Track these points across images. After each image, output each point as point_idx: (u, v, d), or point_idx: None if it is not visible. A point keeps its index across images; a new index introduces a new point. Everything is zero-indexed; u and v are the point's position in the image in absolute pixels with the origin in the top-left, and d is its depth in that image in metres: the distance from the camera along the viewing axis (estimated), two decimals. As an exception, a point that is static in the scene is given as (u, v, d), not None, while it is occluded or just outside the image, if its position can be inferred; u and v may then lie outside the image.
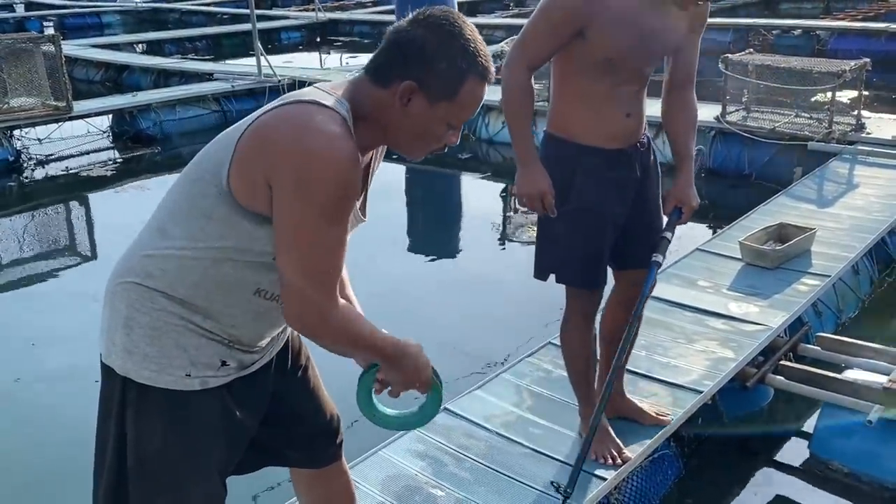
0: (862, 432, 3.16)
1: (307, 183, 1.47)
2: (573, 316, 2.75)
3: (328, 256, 1.54)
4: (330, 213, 1.50)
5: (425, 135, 1.64)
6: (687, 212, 2.66)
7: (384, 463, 2.89)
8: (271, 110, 1.57)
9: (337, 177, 1.48)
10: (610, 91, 2.48)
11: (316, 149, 1.47)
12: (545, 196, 2.46)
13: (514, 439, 3.00)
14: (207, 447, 1.69)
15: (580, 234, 2.59)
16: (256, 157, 1.52)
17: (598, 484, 2.75)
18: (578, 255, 2.62)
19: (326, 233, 1.51)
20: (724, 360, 3.53)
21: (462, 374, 3.89)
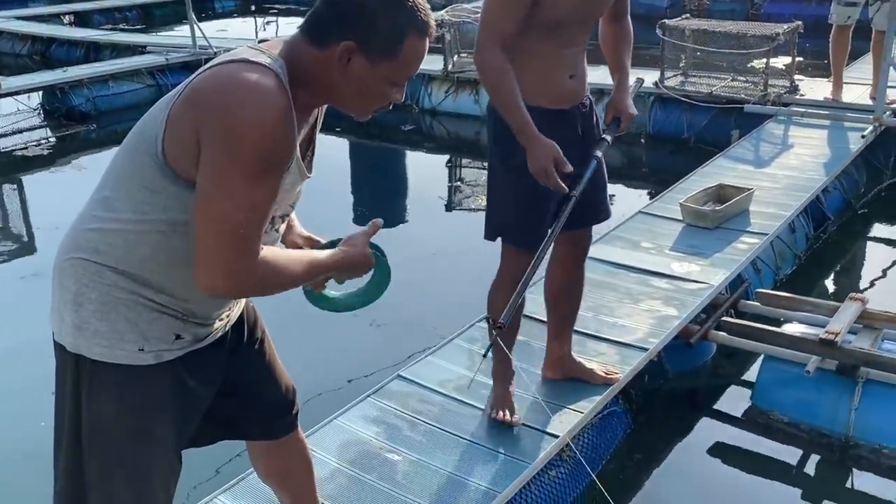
0: (800, 383, 3.29)
1: (234, 139, 1.42)
2: (505, 276, 2.79)
3: (249, 215, 1.47)
4: (255, 171, 1.45)
5: (368, 94, 1.61)
6: (625, 120, 2.74)
7: (339, 430, 2.91)
8: (203, 72, 1.53)
9: (266, 134, 1.43)
10: (554, 52, 2.53)
11: (245, 105, 1.43)
12: (559, 162, 2.46)
13: (468, 402, 3.05)
14: (162, 420, 1.68)
15: (525, 195, 2.63)
16: (186, 118, 1.48)
17: (549, 441, 2.82)
18: (523, 216, 2.67)
19: (249, 191, 1.45)
20: (669, 318, 3.63)
21: (415, 341, 3.92)
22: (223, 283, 1.50)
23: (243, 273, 1.50)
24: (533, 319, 3.43)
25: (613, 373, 3.17)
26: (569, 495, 2.88)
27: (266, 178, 1.48)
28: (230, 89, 1.45)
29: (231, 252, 1.48)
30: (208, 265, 1.49)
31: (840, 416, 3.20)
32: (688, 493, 3.01)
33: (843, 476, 3.08)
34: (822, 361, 3.28)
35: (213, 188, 1.46)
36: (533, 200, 2.63)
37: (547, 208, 2.65)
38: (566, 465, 2.92)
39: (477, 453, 2.78)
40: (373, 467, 2.72)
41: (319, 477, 2.59)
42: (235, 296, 1.57)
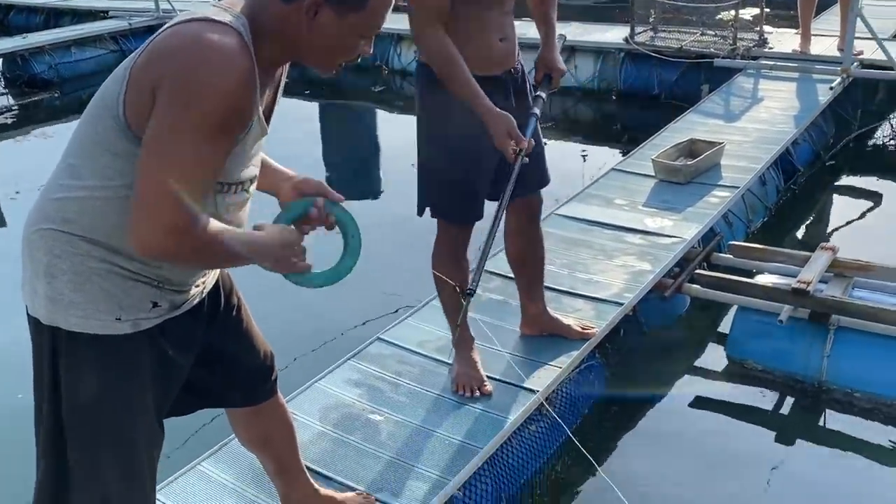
0: (774, 332, 3.34)
1: (191, 96, 1.39)
2: (441, 249, 2.80)
3: (195, 172, 1.43)
4: (208, 130, 1.41)
5: (336, 48, 1.58)
6: (556, 75, 2.73)
7: (320, 394, 2.92)
8: (164, 31, 1.49)
9: (226, 95, 1.40)
10: (482, 15, 2.50)
11: (206, 64, 1.40)
12: (513, 130, 2.45)
13: (447, 362, 3.06)
14: (143, 389, 1.67)
15: (456, 168, 2.62)
16: (147, 78, 1.44)
17: (528, 396, 2.85)
18: (454, 190, 2.66)
19: (198, 149, 1.41)
20: (643, 272, 3.66)
21: (395, 304, 3.93)
22: (159, 240, 1.44)
23: (182, 233, 1.44)
24: (508, 278, 3.44)
25: (589, 328, 3.21)
26: (549, 448, 2.92)
27: (218, 138, 1.44)
28: (191, 49, 1.42)
29: (171, 209, 1.42)
30: (146, 221, 1.44)
31: (813, 363, 3.27)
32: (665, 442, 3.07)
33: (816, 419, 3.15)
34: (795, 310, 3.33)
35: (162, 142, 1.42)
36: (464, 174, 2.61)
37: (479, 180, 2.64)
38: (545, 419, 2.96)
39: (458, 411, 2.81)
40: (356, 429, 2.73)
41: (302, 440, 2.60)
42: (170, 257, 1.51)
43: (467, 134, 2.54)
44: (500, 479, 2.72)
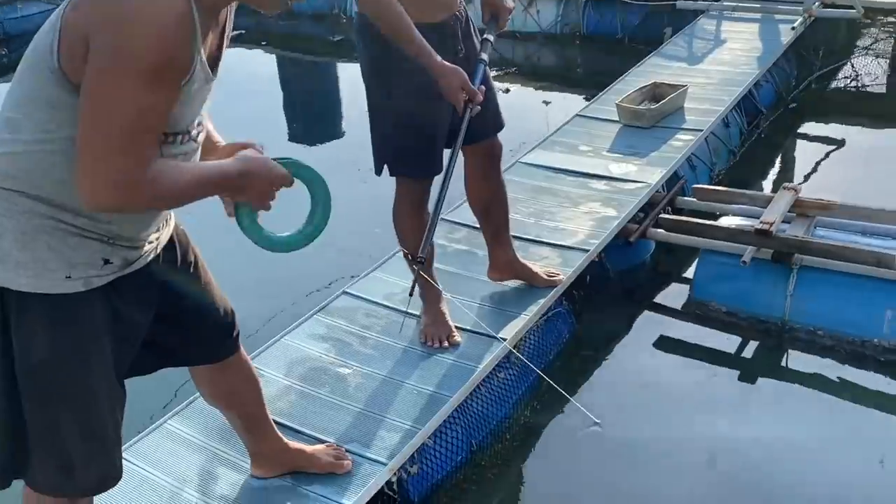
0: (737, 273, 3.37)
1: (127, 41, 1.34)
2: (402, 204, 2.77)
3: (138, 121, 1.38)
4: (148, 76, 1.35)
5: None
6: (503, 14, 2.69)
7: (287, 349, 2.90)
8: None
9: (162, 38, 1.35)
10: None
11: (137, 5, 1.34)
12: (465, 83, 2.40)
13: (415, 313, 3.05)
14: (99, 349, 1.63)
15: (409, 124, 2.58)
16: (77, 24, 1.38)
17: (496, 345, 2.85)
18: (410, 145, 2.61)
19: (139, 96, 1.36)
20: (608, 218, 3.66)
21: (361, 257, 3.89)
22: (107, 194, 1.40)
23: (131, 184, 1.40)
24: (474, 228, 3.42)
25: (556, 274, 3.21)
26: (517, 395, 2.94)
27: (159, 84, 1.39)
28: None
29: (117, 160, 1.38)
30: (92, 174, 1.39)
31: (776, 303, 3.31)
32: (633, 383, 3.09)
33: (780, 358, 3.20)
34: (758, 251, 3.36)
35: (100, 91, 1.37)
36: (418, 129, 2.56)
37: (434, 132, 2.60)
38: (514, 367, 2.97)
39: (427, 362, 2.80)
40: (324, 382, 2.72)
41: (270, 395, 2.59)
42: (121, 209, 1.46)
43: (417, 88, 2.48)
44: (470, 426, 2.74)
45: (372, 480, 2.30)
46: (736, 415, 2.89)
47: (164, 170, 1.46)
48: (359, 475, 2.32)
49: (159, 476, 2.34)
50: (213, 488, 2.29)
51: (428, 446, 2.57)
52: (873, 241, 3.35)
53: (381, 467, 2.35)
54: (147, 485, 2.31)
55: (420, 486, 2.53)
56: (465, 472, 2.66)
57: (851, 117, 5.64)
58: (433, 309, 2.93)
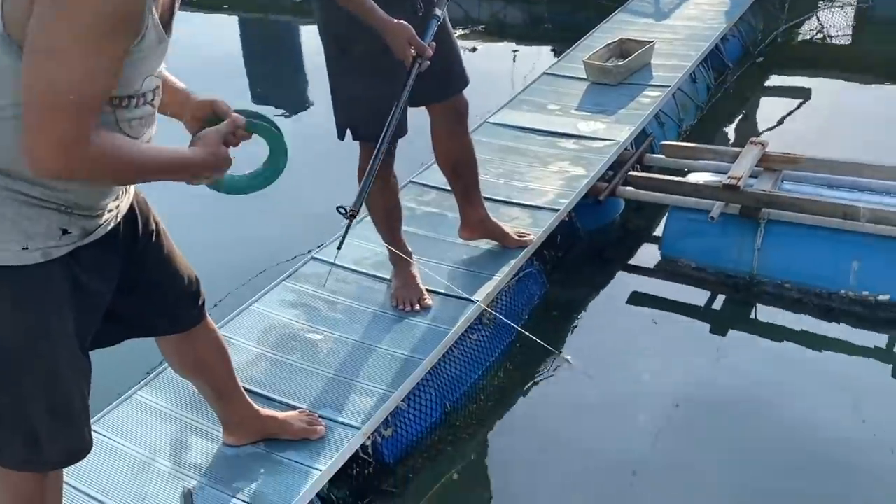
0: (706, 229, 3.39)
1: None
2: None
3: (84, 82, 1.32)
4: (94, 34, 1.30)
5: None
6: None
7: (256, 316, 2.87)
8: None
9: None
10: None
11: None
12: (413, 38, 2.35)
13: (385, 277, 3.03)
14: (61, 320, 1.59)
15: (369, 87, 2.53)
16: None
17: (468, 307, 2.85)
18: (371, 110, 2.53)
19: (85, 55, 1.31)
20: (577, 177, 3.65)
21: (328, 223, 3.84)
22: (51, 157, 1.35)
23: (74, 148, 1.35)
24: (443, 190, 3.39)
25: (526, 235, 3.20)
26: (490, 356, 2.94)
27: (106, 43, 1.33)
28: None
29: (62, 123, 1.32)
30: (36, 137, 1.34)
31: (744, 257, 3.33)
32: (605, 339, 3.11)
33: (749, 312, 3.23)
34: (726, 206, 3.37)
35: (47, 46, 1.31)
36: (378, 91, 2.50)
37: (395, 95, 2.55)
38: (486, 328, 2.97)
39: (398, 325, 2.79)
40: (294, 349, 2.70)
41: (240, 363, 2.57)
42: (66, 174, 1.41)
43: (374, 50, 2.43)
44: (443, 388, 2.74)
45: (346, 445, 2.29)
46: (707, 367, 2.92)
47: (114, 139, 1.42)
48: (332, 440, 2.32)
49: (130, 447, 2.32)
50: (186, 457, 2.28)
51: (402, 409, 2.57)
52: (840, 193, 3.38)
53: (355, 431, 2.34)
54: (118, 456, 2.28)
55: (395, 448, 2.54)
56: (440, 434, 2.67)
57: (817, 69, 5.66)
58: (403, 272, 2.92)
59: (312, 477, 2.19)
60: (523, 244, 3.16)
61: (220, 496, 2.14)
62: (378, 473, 2.48)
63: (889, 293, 3.14)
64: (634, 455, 2.55)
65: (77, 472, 2.20)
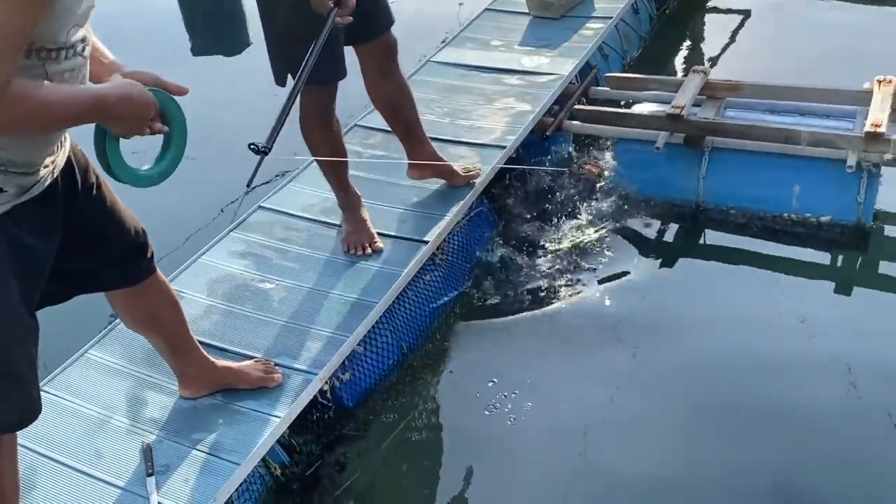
0: (652, 160, 3.42)
1: None
2: (310, 114, 2.68)
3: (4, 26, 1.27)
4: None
5: None
6: None
7: (205, 268, 2.83)
8: None
9: None
10: None
11: None
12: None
13: (334, 223, 3.01)
14: (3, 281, 1.56)
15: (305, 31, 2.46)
16: None
17: (420, 247, 2.84)
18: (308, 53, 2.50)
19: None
20: (523, 113, 3.64)
21: (273, 171, 3.79)
22: None
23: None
24: (388, 132, 3.34)
25: (473, 169, 3.18)
26: (445, 296, 2.96)
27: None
28: None
29: None
30: None
31: (690, 186, 3.38)
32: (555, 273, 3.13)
33: (697, 238, 3.28)
34: (671, 136, 3.40)
35: None
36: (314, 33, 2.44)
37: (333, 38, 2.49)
38: (439, 268, 2.98)
39: (350, 270, 2.78)
40: (247, 299, 2.68)
41: (193, 316, 2.54)
42: None
43: None
44: (399, 330, 2.75)
45: (304, 391, 2.30)
46: (658, 295, 2.97)
47: (34, 87, 1.37)
48: (290, 387, 2.32)
49: (85, 406, 2.30)
50: (143, 413, 2.26)
51: (358, 353, 2.58)
52: (782, 118, 3.43)
53: (312, 377, 2.35)
54: (74, 416, 2.26)
55: (353, 392, 2.55)
56: (398, 375, 2.69)
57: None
58: (353, 216, 2.90)
59: (272, 424, 2.20)
60: (470, 179, 3.15)
61: (180, 448, 2.14)
62: (339, 418, 2.50)
63: (830, 214, 3.22)
64: (590, 387, 2.60)
65: (34, 433, 2.16)
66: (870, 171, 3.14)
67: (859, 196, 3.16)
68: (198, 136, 1.74)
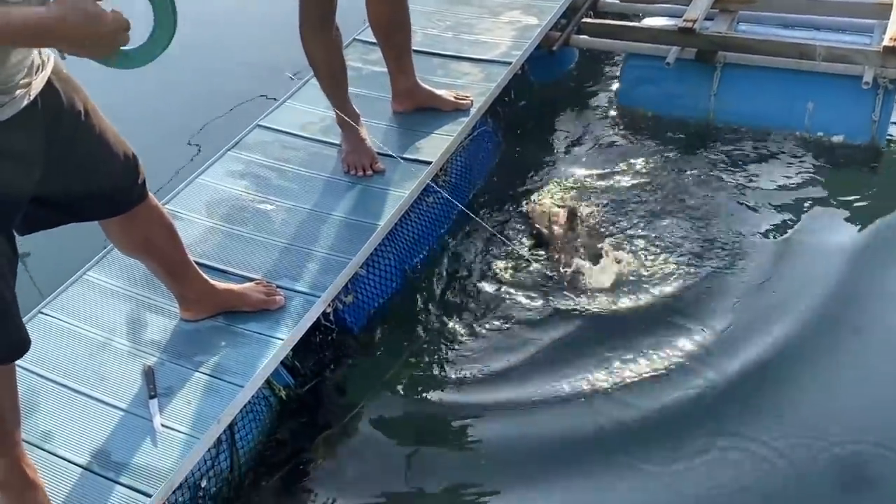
0: (662, 75, 3.32)
1: None
2: (309, 19, 2.56)
3: None
4: None
5: None
6: None
7: (203, 189, 2.77)
8: None
9: None
10: None
11: None
12: None
13: (334, 142, 2.93)
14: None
15: None
16: None
17: (423, 169, 2.77)
18: None
19: None
20: (529, 27, 3.51)
21: (268, 88, 3.70)
22: None
23: None
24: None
25: (464, 97, 3.05)
26: (447, 218, 2.90)
27: None
28: None
29: None
30: None
31: (700, 103, 3.29)
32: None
33: (705, 157, 3.20)
34: (682, 51, 3.29)
35: None
36: None
37: None
38: (442, 189, 2.91)
39: (351, 192, 2.72)
40: (246, 220, 2.62)
41: (192, 237, 2.51)
42: None
43: None
44: (401, 253, 2.71)
45: (306, 313, 2.27)
46: (668, 216, 2.90)
47: None
48: (292, 309, 2.28)
49: (86, 328, 2.27)
50: (144, 335, 2.24)
51: (361, 276, 2.54)
52: (796, 33, 3.32)
53: (315, 299, 2.31)
54: (74, 338, 2.23)
55: (356, 314, 2.52)
56: (402, 298, 2.65)
57: None
58: (353, 136, 2.81)
59: (274, 346, 2.17)
60: (460, 107, 3.01)
61: (182, 371, 2.12)
62: (341, 341, 2.48)
63: (843, 133, 3.14)
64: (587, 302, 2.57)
65: (34, 356, 2.15)
66: (886, 87, 3.05)
67: (874, 114, 3.07)
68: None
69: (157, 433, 1.95)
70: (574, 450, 2.16)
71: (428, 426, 2.30)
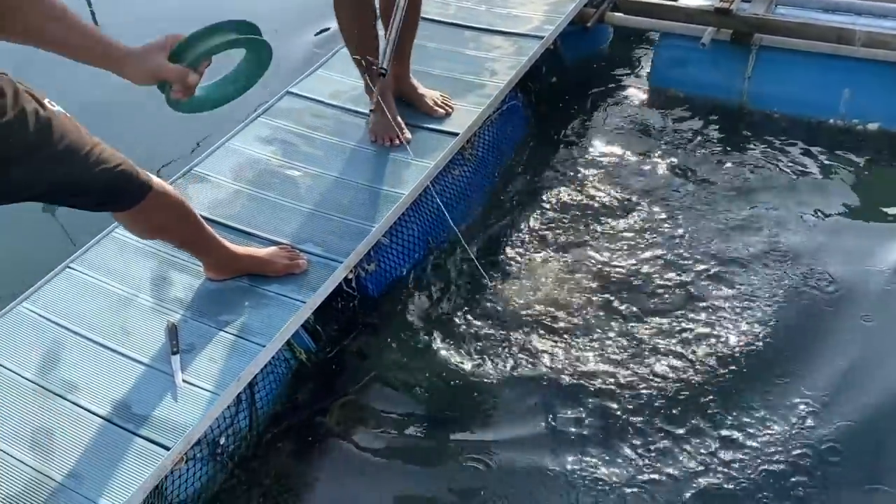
0: (697, 56, 3.28)
1: None
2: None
3: None
4: None
5: None
6: None
7: (233, 153, 2.78)
8: None
9: None
10: None
11: None
12: None
13: (363, 112, 2.93)
14: None
15: None
16: None
17: (448, 140, 2.77)
18: None
19: None
20: (563, 2, 3.48)
21: (303, 55, 3.70)
22: None
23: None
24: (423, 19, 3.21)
25: (445, 105, 2.92)
26: (476, 190, 2.90)
27: None
28: None
29: None
30: None
31: (734, 86, 3.25)
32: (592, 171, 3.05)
33: (738, 142, 3.16)
34: (718, 32, 3.24)
35: None
36: None
37: None
38: (469, 163, 2.90)
39: (377, 160, 2.72)
40: (273, 185, 2.64)
41: (219, 199, 2.54)
42: None
43: None
44: (425, 223, 2.71)
45: (329, 278, 2.28)
46: (696, 199, 2.88)
47: None
48: (315, 274, 2.30)
49: (111, 283, 2.30)
50: (168, 292, 2.26)
51: (384, 244, 2.55)
52: (835, 17, 3.25)
53: (337, 265, 2.32)
54: (100, 293, 2.27)
55: (378, 282, 2.54)
56: (425, 268, 2.66)
57: None
58: (381, 106, 2.80)
59: (296, 308, 2.19)
60: (434, 114, 2.88)
61: (205, 328, 2.15)
62: (363, 307, 2.49)
63: (879, 121, 3.09)
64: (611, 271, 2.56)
65: (61, 311, 2.20)
66: (927, 75, 2.99)
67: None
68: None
69: (178, 388, 1.98)
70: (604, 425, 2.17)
71: (445, 398, 2.31)
